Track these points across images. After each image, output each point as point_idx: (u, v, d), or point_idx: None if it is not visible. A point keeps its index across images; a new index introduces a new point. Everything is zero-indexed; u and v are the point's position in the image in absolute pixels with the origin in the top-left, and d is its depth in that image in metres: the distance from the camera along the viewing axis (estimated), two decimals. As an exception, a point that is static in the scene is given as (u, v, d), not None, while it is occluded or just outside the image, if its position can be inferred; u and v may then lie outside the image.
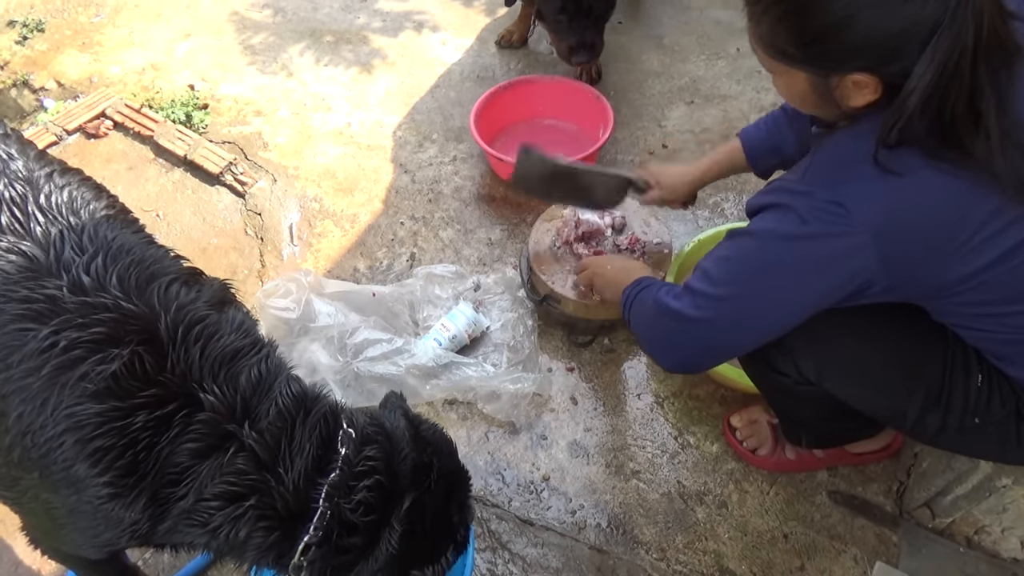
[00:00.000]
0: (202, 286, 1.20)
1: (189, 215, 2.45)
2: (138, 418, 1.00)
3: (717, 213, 2.43)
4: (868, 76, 1.07)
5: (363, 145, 2.69)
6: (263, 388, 1.12)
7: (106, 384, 1.00)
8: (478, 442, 1.91)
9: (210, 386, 1.05)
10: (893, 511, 1.77)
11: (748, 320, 1.27)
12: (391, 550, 1.12)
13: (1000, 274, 1.10)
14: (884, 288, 1.14)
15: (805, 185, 1.14)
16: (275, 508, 1.07)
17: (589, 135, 2.59)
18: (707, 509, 1.79)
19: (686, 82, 2.91)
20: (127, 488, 1.02)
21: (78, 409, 0.99)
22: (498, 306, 2.17)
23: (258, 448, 1.06)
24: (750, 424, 1.86)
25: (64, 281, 1.05)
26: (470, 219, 2.44)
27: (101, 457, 1.00)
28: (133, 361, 1.01)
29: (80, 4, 3.27)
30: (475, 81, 2.93)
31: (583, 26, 2.51)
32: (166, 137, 2.62)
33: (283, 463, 1.08)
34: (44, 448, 1.01)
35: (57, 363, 1.00)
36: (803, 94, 1.19)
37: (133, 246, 1.16)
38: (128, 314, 1.05)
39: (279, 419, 1.10)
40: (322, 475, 1.11)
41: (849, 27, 1.02)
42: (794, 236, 1.14)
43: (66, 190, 1.20)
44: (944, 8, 0.96)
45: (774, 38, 1.12)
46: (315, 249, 2.36)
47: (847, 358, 1.33)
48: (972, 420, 1.26)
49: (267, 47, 3.09)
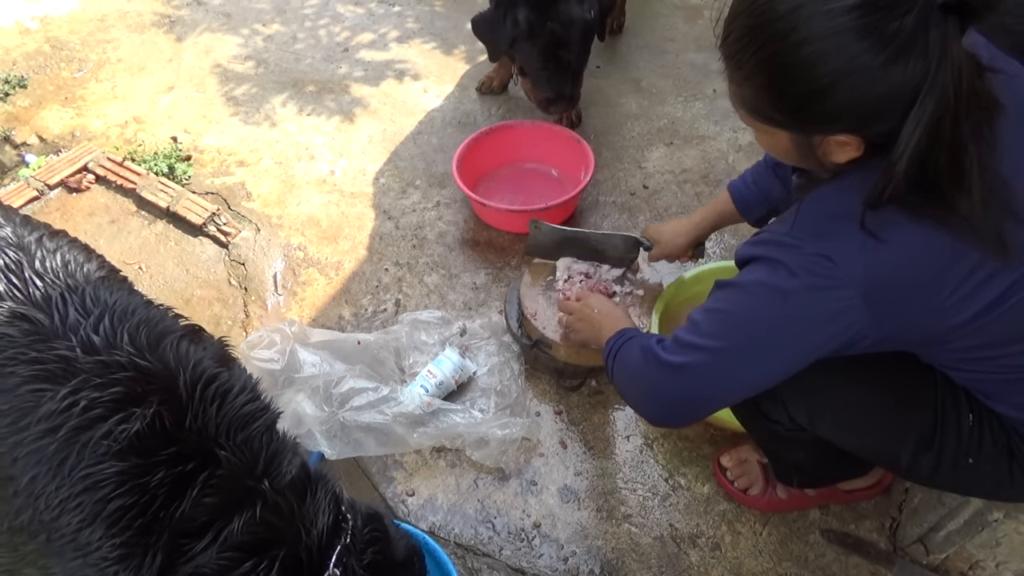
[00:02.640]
0: (206, 344, 1.21)
1: (172, 267, 2.44)
2: (156, 476, 1.00)
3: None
4: (851, 136, 1.07)
5: (346, 193, 2.70)
6: (278, 451, 1.14)
7: (129, 443, 0.99)
8: (467, 490, 1.89)
9: (228, 444, 1.06)
10: (887, 548, 1.76)
11: (738, 372, 1.26)
12: None
13: (988, 322, 1.11)
14: (876, 341, 1.14)
15: (792, 238, 1.14)
16: (300, 560, 1.08)
17: (571, 178, 2.62)
18: (700, 552, 1.77)
19: (665, 124, 2.96)
20: (140, 547, 1.00)
21: (98, 469, 0.98)
22: (484, 351, 2.16)
23: (283, 503, 1.08)
24: (740, 464, 1.85)
25: (74, 342, 1.05)
26: (455, 264, 2.44)
27: (120, 517, 0.99)
28: (155, 420, 1.01)
29: (63, 60, 3.29)
30: (456, 127, 2.96)
31: (562, 80, 2.58)
32: (149, 189, 2.62)
33: (305, 520, 1.10)
34: (57, 511, 1.00)
35: (76, 424, 0.99)
36: (786, 151, 1.20)
37: (136, 306, 1.17)
38: (145, 372, 1.05)
39: (297, 481, 1.13)
40: (337, 538, 1.14)
41: (831, 94, 1.02)
42: (784, 290, 1.14)
43: (58, 253, 1.21)
44: (925, 70, 0.96)
45: (757, 102, 1.13)
46: (300, 298, 2.35)
47: (839, 404, 1.33)
48: (966, 460, 1.26)
49: (250, 98, 3.12)
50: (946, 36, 0.94)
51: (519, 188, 2.66)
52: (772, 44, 1.03)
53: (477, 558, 1.77)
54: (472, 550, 1.78)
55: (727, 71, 1.15)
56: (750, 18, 1.06)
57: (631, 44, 3.38)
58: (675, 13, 3.55)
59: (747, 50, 1.07)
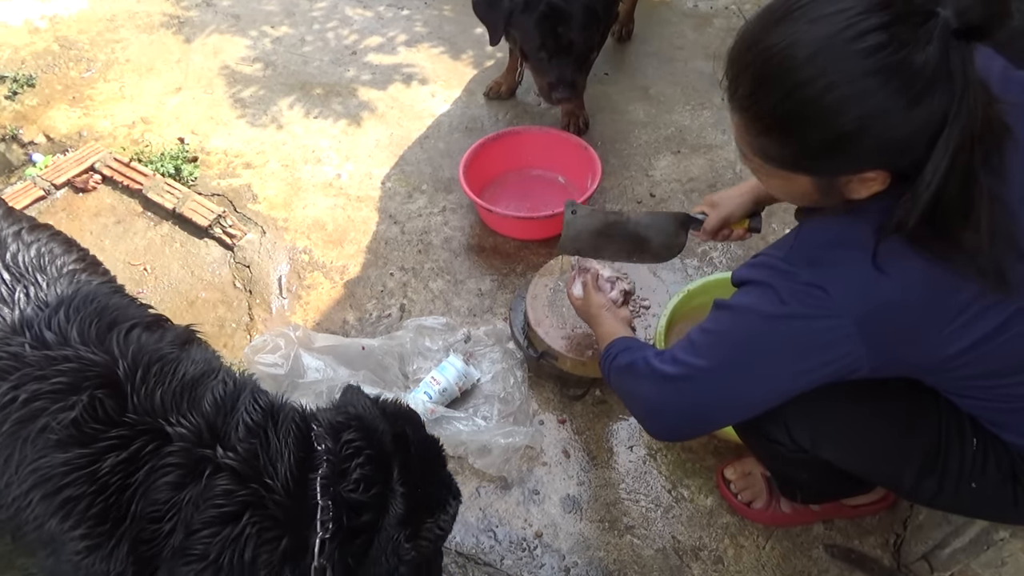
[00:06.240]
0: (166, 330, 1.21)
1: (177, 268, 2.43)
2: (106, 462, 0.99)
3: (706, 262, 2.44)
4: (879, 172, 1.04)
5: (352, 196, 2.70)
6: (227, 408, 1.12)
7: (68, 432, 0.99)
8: (469, 498, 1.88)
9: (176, 418, 1.05)
10: (891, 565, 1.75)
11: (732, 391, 1.26)
12: (399, 512, 1.12)
13: (985, 352, 1.10)
14: (874, 369, 1.13)
15: (788, 264, 1.13)
16: (274, 517, 1.05)
17: (577, 185, 2.61)
18: (703, 565, 1.76)
19: (672, 132, 2.95)
20: (104, 537, 0.99)
21: (43, 462, 0.98)
22: (489, 358, 2.16)
23: (236, 465, 1.05)
24: (744, 476, 1.84)
25: (27, 337, 1.06)
26: (460, 270, 2.44)
27: (72, 509, 0.98)
28: (93, 405, 1.01)
29: (71, 59, 3.30)
30: (464, 132, 2.96)
31: (563, 64, 2.54)
32: (155, 190, 2.62)
33: (267, 472, 1.07)
34: (12, 508, 1.00)
35: (18, 417, 1.00)
36: (805, 194, 1.16)
37: (97, 296, 1.18)
38: (88, 362, 1.06)
39: (250, 434, 1.09)
40: (311, 472, 1.10)
41: (862, 136, 0.99)
42: (772, 316, 1.13)
43: (33, 247, 1.21)
44: (951, 99, 0.94)
45: (780, 151, 1.09)
46: (304, 301, 2.35)
47: (842, 426, 1.32)
48: (968, 484, 1.25)
49: (257, 100, 3.12)
50: (964, 61, 0.93)
51: (526, 194, 2.65)
52: (796, 93, 1.00)
53: (478, 567, 1.76)
54: (473, 559, 1.77)
55: (740, 123, 1.11)
56: (764, 68, 1.03)
57: (639, 51, 3.37)
58: (684, 21, 3.54)
59: (765, 101, 1.04)
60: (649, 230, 1.83)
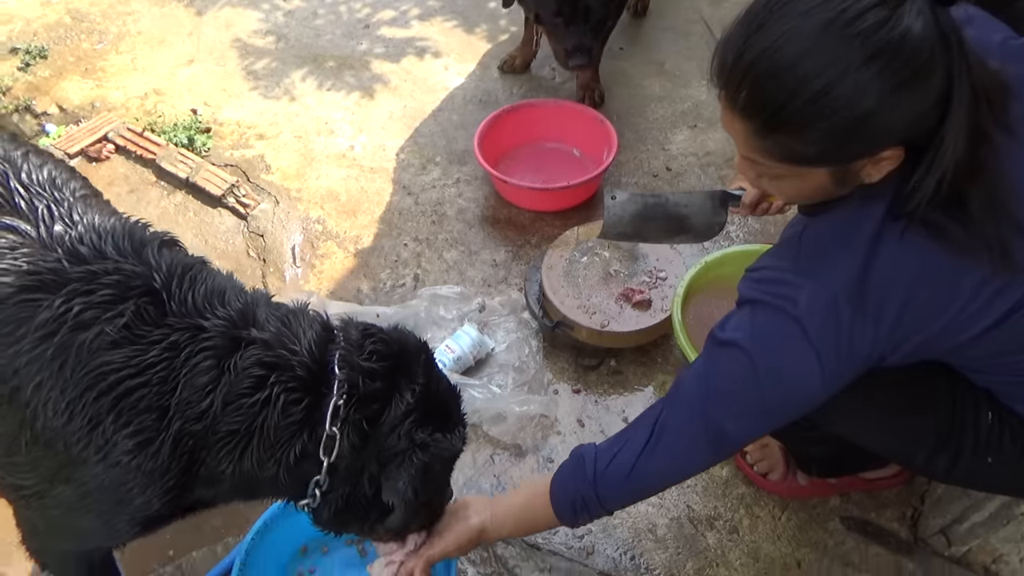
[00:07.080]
0: (182, 249, 1.30)
1: (191, 237, 2.43)
2: (150, 354, 1.06)
3: (723, 235, 2.41)
4: (894, 149, 1.02)
5: (366, 168, 2.68)
6: (255, 304, 1.20)
7: (122, 335, 1.05)
8: (484, 465, 1.87)
9: (210, 315, 1.12)
10: (908, 538, 1.74)
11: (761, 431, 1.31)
12: (410, 401, 1.17)
13: (1006, 329, 1.09)
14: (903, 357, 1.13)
15: (797, 275, 1.11)
16: (298, 377, 1.12)
17: (593, 158, 2.59)
18: (718, 535, 1.75)
19: (689, 106, 2.92)
20: (152, 432, 1.05)
21: (98, 361, 1.04)
22: (503, 327, 2.14)
23: (268, 337, 1.13)
24: (761, 448, 1.82)
25: (60, 253, 1.10)
26: (474, 241, 2.42)
27: (125, 406, 1.04)
28: (139, 312, 1.08)
29: (83, 31, 3.28)
30: (478, 105, 2.93)
31: (580, 30, 2.50)
32: (168, 160, 2.61)
33: (295, 341, 1.14)
34: (66, 415, 1.04)
35: (71, 325, 1.04)
36: (819, 187, 1.11)
37: (119, 216, 1.26)
38: (130, 273, 1.12)
39: (279, 321, 1.17)
40: (330, 344, 1.18)
41: (880, 115, 0.97)
42: (809, 371, 1.12)
43: (45, 168, 1.25)
44: (951, 60, 0.94)
45: (793, 146, 1.05)
46: (318, 270, 2.34)
47: (855, 403, 1.27)
48: (984, 459, 1.24)
49: (270, 72, 3.10)
50: (951, 22, 0.94)
51: (540, 167, 2.63)
52: (804, 88, 0.97)
53: (492, 534, 1.75)
54: (487, 526, 1.77)
55: (747, 130, 1.07)
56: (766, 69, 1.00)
57: (655, 26, 3.33)
58: (700, -4, 3.50)
59: (773, 102, 1.01)
60: (689, 209, 1.83)
